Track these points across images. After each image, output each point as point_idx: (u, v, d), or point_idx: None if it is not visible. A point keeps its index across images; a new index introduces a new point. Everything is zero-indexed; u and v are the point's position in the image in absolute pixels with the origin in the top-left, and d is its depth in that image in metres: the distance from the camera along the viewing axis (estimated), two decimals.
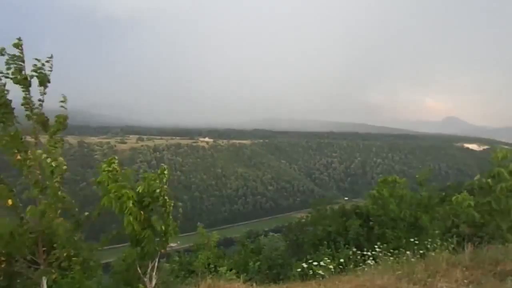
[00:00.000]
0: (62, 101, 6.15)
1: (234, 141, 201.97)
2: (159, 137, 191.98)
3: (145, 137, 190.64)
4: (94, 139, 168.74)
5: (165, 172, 6.27)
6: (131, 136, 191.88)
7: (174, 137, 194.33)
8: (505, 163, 11.33)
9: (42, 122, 5.95)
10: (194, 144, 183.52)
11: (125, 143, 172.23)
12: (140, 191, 5.98)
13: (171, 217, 6.24)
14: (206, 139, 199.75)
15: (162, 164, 7.07)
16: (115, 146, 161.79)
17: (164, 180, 6.19)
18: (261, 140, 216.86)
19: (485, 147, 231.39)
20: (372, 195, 14.53)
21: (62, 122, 6.10)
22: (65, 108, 6.17)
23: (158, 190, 6.00)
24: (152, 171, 6.72)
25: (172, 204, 6.27)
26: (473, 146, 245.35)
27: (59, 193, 5.87)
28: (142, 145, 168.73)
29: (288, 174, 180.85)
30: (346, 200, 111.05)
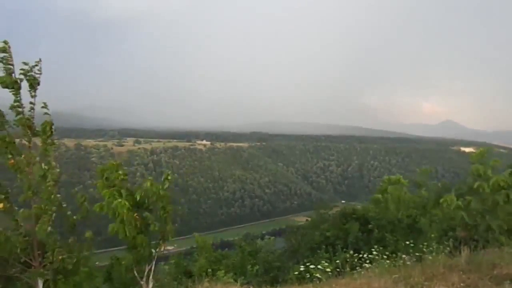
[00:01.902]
0: (43, 107, 6.06)
1: (232, 144, 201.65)
2: (156, 140, 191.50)
3: (142, 139, 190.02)
4: (91, 142, 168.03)
5: (169, 178, 6.32)
6: (128, 138, 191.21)
7: (171, 140, 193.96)
8: (484, 161, 11.16)
9: (29, 126, 5.90)
10: (192, 147, 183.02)
11: (122, 145, 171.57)
12: (138, 198, 6.00)
13: (169, 220, 6.25)
14: (204, 142, 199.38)
15: (166, 170, 7.15)
16: (112, 148, 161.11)
17: (166, 186, 6.22)
18: (258, 143, 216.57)
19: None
20: (376, 199, 14.46)
21: (48, 129, 6.06)
22: (49, 115, 6.11)
23: (154, 198, 6.03)
24: (150, 173, 6.74)
25: (172, 209, 6.30)
26: (469, 150, 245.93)
27: (52, 196, 5.84)
28: (139, 148, 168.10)
29: (285, 177, 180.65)
30: (343, 203, 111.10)
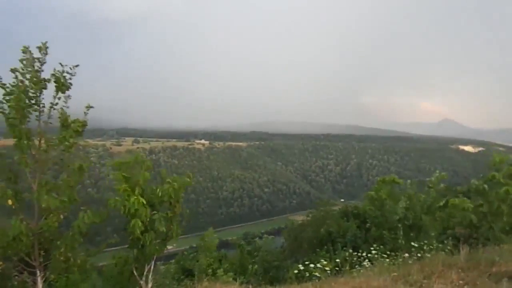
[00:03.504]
0: (87, 107, 6.34)
1: (230, 143, 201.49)
2: (155, 140, 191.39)
3: (140, 139, 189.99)
4: (89, 142, 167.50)
5: (189, 179, 6.39)
6: (126, 138, 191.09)
7: (170, 140, 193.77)
8: (501, 167, 11.47)
9: (65, 124, 5.99)
10: (190, 146, 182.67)
11: (120, 145, 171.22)
12: (148, 195, 6.03)
13: (175, 220, 6.28)
14: (202, 141, 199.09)
15: (188, 172, 7.20)
16: (110, 148, 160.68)
17: (180, 186, 6.27)
18: (257, 142, 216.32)
19: (480, 149, 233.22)
20: (370, 196, 14.42)
21: (80, 127, 6.16)
22: (86, 114, 6.27)
23: (165, 197, 6.05)
24: (149, 174, 6.72)
25: (180, 209, 6.32)
26: (468, 148, 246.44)
27: (74, 193, 5.90)
28: (138, 148, 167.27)
29: (284, 176, 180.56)
30: (342, 202, 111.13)
